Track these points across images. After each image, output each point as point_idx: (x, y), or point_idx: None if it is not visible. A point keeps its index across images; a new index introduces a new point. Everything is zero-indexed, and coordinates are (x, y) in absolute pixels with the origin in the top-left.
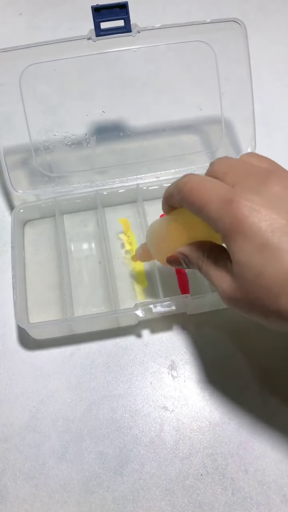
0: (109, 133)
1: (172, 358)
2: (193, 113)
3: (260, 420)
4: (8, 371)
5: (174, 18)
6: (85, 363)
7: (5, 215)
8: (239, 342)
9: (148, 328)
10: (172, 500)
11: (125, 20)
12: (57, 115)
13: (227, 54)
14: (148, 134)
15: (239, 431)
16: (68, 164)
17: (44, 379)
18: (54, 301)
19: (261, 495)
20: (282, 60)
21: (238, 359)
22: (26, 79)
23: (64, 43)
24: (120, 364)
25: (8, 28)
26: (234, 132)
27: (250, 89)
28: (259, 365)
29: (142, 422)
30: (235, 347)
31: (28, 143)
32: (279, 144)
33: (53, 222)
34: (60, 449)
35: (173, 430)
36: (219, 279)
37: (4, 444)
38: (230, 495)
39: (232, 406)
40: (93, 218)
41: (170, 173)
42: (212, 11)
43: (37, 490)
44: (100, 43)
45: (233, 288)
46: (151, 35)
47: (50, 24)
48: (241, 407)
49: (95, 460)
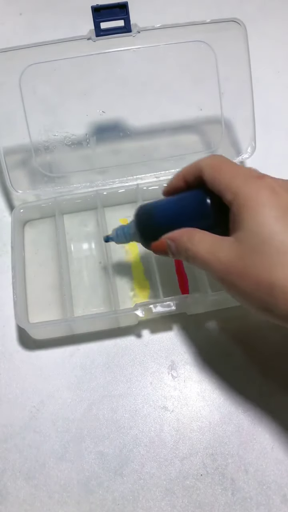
0: (109, 133)
1: (172, 358)
2: (193, 113)
3: (260, 420)
4: (8, 371)
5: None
6: (85, 363)
7: (5, 215)
8: (239, 342)
9: (148, 328)
10: (172, 500)
11: (125, 20)
12: (57, 115)
13: (227, 54)
14: (148, 134)
15: (239, 431)
16: (68, 164)
17: (44, 379)
18: (54, 301)
19: (261, 495)
20: (282, 60)
21: (238, 359)
22: (26, 79)
23: (64, 43)
24: (120, 364)
25: (8, 28)
26: (234, 132)
27: (250, 89)
28: (259, 365)
29: (142, 422)
30: (235, 347)
31: (28, 143)
32: (279, 144)
33: (53, 222)
34: (60, 449)
35: (173, 430)
36: (213, 251)
37: (4, 444)
38: (230, 495)
39: (232, 406)
40: (93, 218)
41: (170, 173)
42: (212, 11)
43: (37, 490)
44: (100, 43)
45: (231, 255)
46: (151, 35)
47: (50, 24)
48: (241, 407)
49: (95, 460)
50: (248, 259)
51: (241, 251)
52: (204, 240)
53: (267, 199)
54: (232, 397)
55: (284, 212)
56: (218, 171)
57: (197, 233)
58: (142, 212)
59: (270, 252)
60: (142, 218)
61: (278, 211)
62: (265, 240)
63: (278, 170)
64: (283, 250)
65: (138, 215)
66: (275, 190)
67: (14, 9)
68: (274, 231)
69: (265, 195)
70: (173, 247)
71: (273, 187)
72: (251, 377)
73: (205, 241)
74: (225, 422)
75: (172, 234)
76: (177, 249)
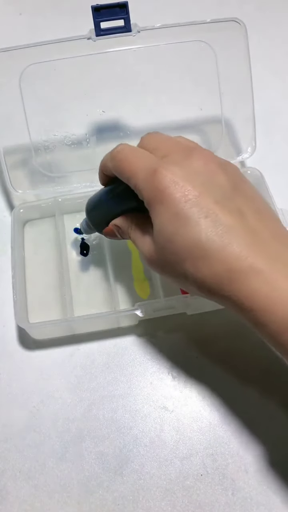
0: (109, 133)
1: (172, 358)
2: (193, 113)
3: (260, 420)
4: (8, 371)
5: (174, 18)
6: (85, 363)
7: (5, 215)
8: (239, 342)
9: (148, 328)
10: (172, 500)
11: (125, 20)
12: (57, 115)
13: (227, 54)
14: None
15: (239, 431)
16: (68, 164)
17: (44, 379)
18: (54, 301)
19: (261, 495)
20: (282, 60)
21: (238, 359)
22: (26, 79)
23: (64, 43)
24: (120, 364)
25: (8, 28)
26: (234, 132)
27: (250, 89)
28: (259, 365)
29: (142, 422)
30: (235, 347)
31: (28, 143)
32: (279, 144)
33: (53, 222)
34: (60, 449)
35: (173, 430)
36: (142, 243)
37: (4, 444)
38: (230, 495)
39: (232, 406)
40: None
41: None
42: (212, 11)
43: (37, 490)
44: (100, 43)
45: (151, 250)
46: (151, 35)
47: (50, 24)
48: (241, 407)
49: (95, 460)
50: (164, 256)
51: (156, 247)
52: (138, 229)
53: (166, 197)
54: (232, 397)
55: (181, 206)
56: (120, 165)
57: (134, 220)
58: (87, 205)
59: (177, 249)
60: (87, 210)
61: (176, 206)
62: (171, 239)
63: (278, 170)
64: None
65: (86, 207)
66: (172, 180)
67: (14, 8)
68: (174, 231)
69: (162, 193)
70: (120, 232)
71: (170, 178)
72: (252, 377)
73: (138, 230)
74: (225, 422)
75: (116, 222)
76: (123, 233)
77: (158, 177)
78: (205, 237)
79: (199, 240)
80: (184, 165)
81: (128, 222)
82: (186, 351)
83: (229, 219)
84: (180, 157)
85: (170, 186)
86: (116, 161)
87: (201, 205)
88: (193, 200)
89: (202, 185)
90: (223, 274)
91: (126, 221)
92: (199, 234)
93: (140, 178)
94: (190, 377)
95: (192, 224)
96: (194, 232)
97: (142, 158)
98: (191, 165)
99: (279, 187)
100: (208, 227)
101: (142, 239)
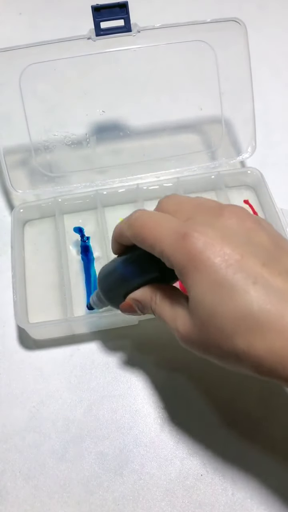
0: (109, 133)
1: (172, 358)
2: (193, 113)
3: (260, 420)
4: (8, 371)
5: (174, 18)
6: (85, 363)
7: (5, 215)
8: None
9: (148, 328)
10: (172, 500)
11: (125, 20)
12: (57, 115)
13: (227, 54)
14: (148, 134)
15: (239, 431)
16: (68, 164)
17: (44, 379)
18: (54, 301)
19: (261, 495)
20: (282, 60)
21: None
22: (26, 78)
23: (64, 43)
24: (120, 364)
25: (8, 28)
26: (234, 132)
27: (250, 89)
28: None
29: (142, 422)
30: None
31: (28, 143)
32: (279, 144)
33: (53, 222)
34: (60, 449)
35: (173, 430)
36: (173, 318)
37: (4, 445)
38: (230, 495)
39: (232, 406)
40: (93, 218)
41: (170, 173)
42: (212, 11)
43: (37, 490)
44: (100, 43)
45: (188, 326)
46: (151, 34)
47: (50, 24)
48: (241, 407)
49: (95, 460)
50: (206, 333)
51: (195, 322)
52: (165, 301)
53: (203, 263)
54: (233, 398)
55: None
56: (140, 232)
57: (158, 292)
58: (100, 275)
59: (223, 324)
60: (99, 282)
61: (216, 273)
62: (214, 311)
63: (278, 170)
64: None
65: (98, 278)
66: (206, 243)
67: (14, 8)
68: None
69: (198, 259)
70: (140, 307)
71: (203, 241)
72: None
73: (165, 302)
74: (225, 423)
75: (135, 295)
76: (144, 308)
77: (190, 241)
78: (257, 307)
79: (250, 311)
80: (217, 225)
81: (151, 294)
82: (187, 351)
83: (281, 283)
84: (208, 217)
85: (206, 250)
86: (135, 228)
87: (245, 269)
88: (236, 265)
89: (243, 246)
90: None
91: (148, 294)
92: (250, 304)
93: (167, 243)
94: (190, 377)
95: (240, 292)
96: (243, 302)
97: (166, 223)
98: (225, 224)
99: (279, 187)
100: (259, 295)
101: (172, 314)
